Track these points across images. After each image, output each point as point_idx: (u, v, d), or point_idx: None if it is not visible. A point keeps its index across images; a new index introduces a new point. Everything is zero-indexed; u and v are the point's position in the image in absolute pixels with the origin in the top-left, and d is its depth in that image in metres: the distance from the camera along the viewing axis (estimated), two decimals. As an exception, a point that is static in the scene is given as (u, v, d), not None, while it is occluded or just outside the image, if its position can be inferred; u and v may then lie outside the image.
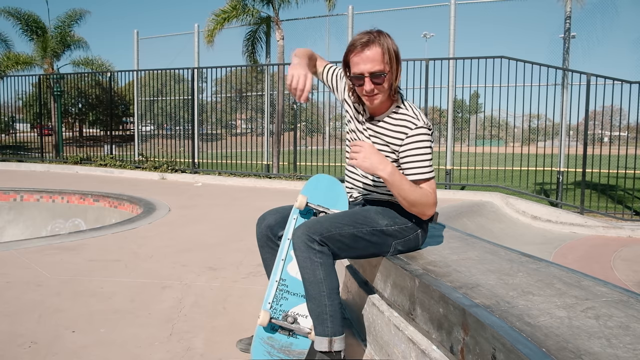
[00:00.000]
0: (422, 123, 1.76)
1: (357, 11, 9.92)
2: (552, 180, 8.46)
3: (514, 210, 7.05)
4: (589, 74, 6.87)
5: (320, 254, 1.64)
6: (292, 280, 1.82)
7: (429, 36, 21.91)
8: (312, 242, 1.64)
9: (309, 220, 1.73)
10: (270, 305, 1.80)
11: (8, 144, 14.73)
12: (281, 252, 1.84)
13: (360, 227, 1.73)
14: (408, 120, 1.77)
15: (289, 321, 1.79)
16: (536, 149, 8.39)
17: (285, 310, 1.81)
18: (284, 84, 10.26)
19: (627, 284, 4.09)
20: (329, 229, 1.67)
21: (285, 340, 1.80)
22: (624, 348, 1.01)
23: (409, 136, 1.75)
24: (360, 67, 1.71)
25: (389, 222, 1.78)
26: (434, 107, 9.08)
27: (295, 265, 1.77)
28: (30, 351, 1.91)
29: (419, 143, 1.74)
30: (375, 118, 1.85)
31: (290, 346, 1.80)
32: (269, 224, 1.92)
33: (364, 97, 1.77)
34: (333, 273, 1.68)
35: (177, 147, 10.83)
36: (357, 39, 1.72)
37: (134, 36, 12.41)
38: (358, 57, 1.71)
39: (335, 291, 1.67)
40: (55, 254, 3.43)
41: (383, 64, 1.71)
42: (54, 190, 6.85)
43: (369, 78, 1.71)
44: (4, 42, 16.98)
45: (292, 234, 1.71)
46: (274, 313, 1.80)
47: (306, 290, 1.67)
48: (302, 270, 1.66)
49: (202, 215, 5.32)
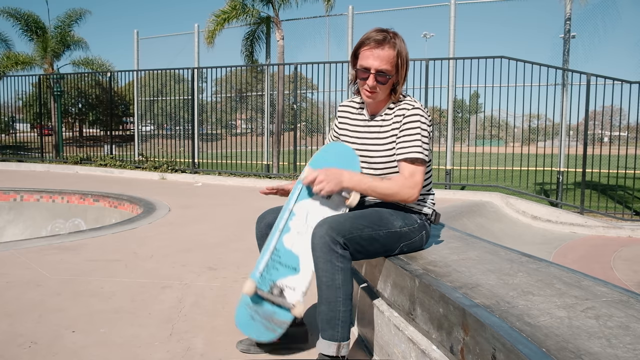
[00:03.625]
0: (418, 105, 1.79)
1: (357, 11, 9.93)
2: (552, 180, 8.46)
3: (514, 210, 7.05)
4: (589, 74, 6.87)
5: (342, 258, 1.60)
6: (286, 252, 1.80)
7: (429, 36, 21.89)
8: (335, 244, 1.59)
9: (330, 219, 1.68)
10: (261, 274, 1.79)
11: (8, 144, 14.74)
12: (279, 222, 1.81)
13: (378, 229, 1.71)
14: (406, 103, 1.80)
15: (275, 292, 1.77)
16: (536, 149, 8.40)
17: (274, 280, 1.79)
18: (284, 84, 10.28)
19: (627, 284, 4.09)
20: (351, 231, 1.64)
21: (269, 308, 1.80)
22: (624, 348, 1.01)
23: (406, 116, 1.77)
24: (369, 61, 1.72)
25: (402, 224, 1.78)
26: (434, 107, 9.08)
27: (291, 238, 1.76)
28: (30, 351, 1.91)
29: (413, 123, 1.76)
30: (375, 115, 1.87)
31: (274, 315, 1.79)
32: (268, 222, 1.90)
33: (363, 90, 1.78)
34: (351, 279, 1.65)
35: (177, 147, 10.83)
36: (373, 35, 1.72)
37: (134, 36, 12.42)
38: (369, 52, 1.72)
39: (349, 297, 1.64)
40: (55, 254, 3.43)
41: (391, 65, 1.72)
42: (54, 190, 6.85)
43: (374, 75, 1.72)
44: (4, 42, 16.99)
45: (312, 232, 1.66)
46: (263, 282, 1.78)
47: (320, 291, 1.64)
48: (320, 273, 1.62)
49: (202, 215, 5.32)
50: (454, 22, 8.93)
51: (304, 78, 10.00)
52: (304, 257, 1.78)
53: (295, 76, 8.92)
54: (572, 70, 7.89)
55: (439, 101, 9.19)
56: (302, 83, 10.49)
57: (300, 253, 1.79)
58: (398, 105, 1.81)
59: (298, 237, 1.81)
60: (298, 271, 1.79)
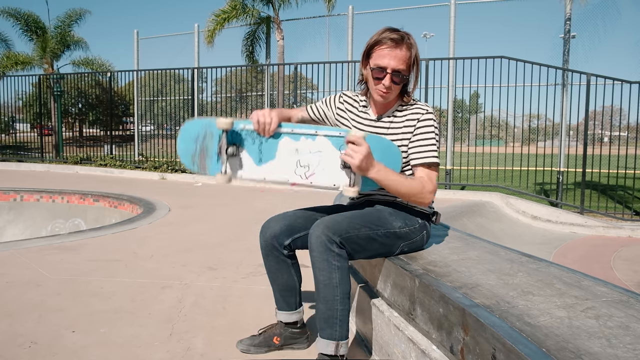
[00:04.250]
0: (431, 110, 1.80)
1: (357, 11, 9.93)
2: (552, 180, 8.46)
3: (514, 210, 7.05)
4: (589, 73, 6.87)
5: (338, 257, 1.61)
6: (270, 144, 1.75)
7: (429, 36, 21.90)
8: (331, 243, 1.60)
9: (327, 219, 1.68)
10: (244, 127, 1.75)
11: (8, 144, 14.74)
12: (296, 128, 1.75)
13: (375, 229, 1.71)
14: (419, 107, 1.80)
15: (230, 151, 1.74)
16: (536, 149, 8.40)
17: (240, 143, 1.76)
18: (284, 84, 10.28)
19: (627, 284, 4.09)
20: (347, 230, 1.64)
21: (212, 150, 1.78)
22: (624, 348, 1.01)
23: (420, 121, 1.77)
24: (386, 61, 1.70)
25: (402, 224, 1.77)
26: (434, 107, 9.07)
27: (287, 143, 1.73)
28: (30, 351, 1.91)
29: (428, 128, 1.76)
30: (382, 116, 1.85)
31: (207, 158, 1.80)
32: (274, 232, 1.83)
33: (376, 91, 1.75)
34: (348, 277, 1.66)
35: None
36: (387, 35, 1.70)
37: (134, 36, 12.42)
38: (386, 52, 1.70)
39: (347, 296, 1.65)
40: (55, 254, 3.43)
41: (407, 66, 1.72)
42: (54, 190, 6.85)
43: (391, 75, 1.70)
44: (4, 42, 16.99)
45: (309, 232, 1.64)
46: (235, 130, 1.75)
47: (318, 290, 1.64)
48: (318, 272, 1.62)
49: (202, 215, 5.32)
50: (454, 22, 8.93)
51: (304, 78, 10.00)
52: (275, 161, 1.75)
53: (295, 76, 8.93)
54: (572, 70, 7.89)
55: (439, 101, 9.22)
56: (302, 83, 10.49)
57: (277, 157, 1.75)
58: (409, 109, 1.80)
59: (290, 147, 1.75)
60: (259, 163, 1.76)
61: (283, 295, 1.92)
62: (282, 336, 1.94)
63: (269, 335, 1.95)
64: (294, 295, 1.92)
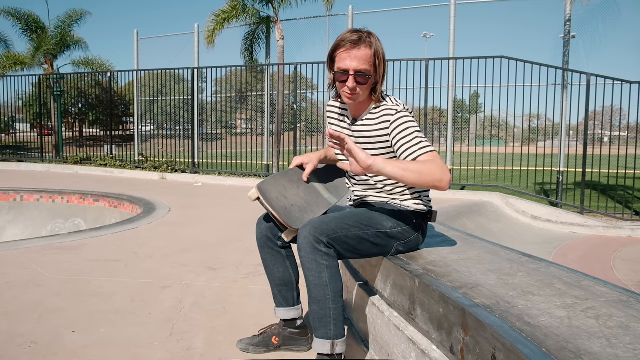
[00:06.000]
0: (401, 108, 1.75)
1: (357, 11, 9.92)
2: (552, 180, 8.46)
3: (514, 210, 7.05)
4: (589, 73, 6.87)
5: (326, 257, 1.62)
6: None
7: (429, 36, 21.93)
8: (318, 243, 1.60)
9: (314, 220, 1.69)
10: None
11: (8, 144, 14.74)
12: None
13: (365, 229, 1.71)
14: (387, 108, 1.76)
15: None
16: (536, 149, 8.40)
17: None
18: (284, 84, 10.27)
19: (627, 284, 4.09)
20: (336, 230, 1.64)
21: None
22: (624, 348, 1.01)
23: (392, 122, 1.73)
24: (347, 63, 1.69)
25: (393, 225, 1.77)
26: (434, 107, 9.09)
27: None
28: (30, 351, 1.91)
29: (404, 124, 1.71)
30: (357, 120, 1.84)
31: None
32: (269, 224, 1.89)
33: (344, 93, 1.75)
34: (338, 276, 1.66)
35: (177, 147, 10.84)
36: (347, 37, 1.70)
37: (134, 36, 12.41)
38: (346, 54, 1.69)
39: (339, 294, 1.65)
40: (55, 254, 3.43)
41: (370, 65, 1.70)
42: (54, 190, 6.85)
43: (354, 76, 1.69)
44: (4, 42, 16.97)
45: (298, 234, 1.66)
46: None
47: (310, 291, 1.65)
48: (307, 272, 1.63)
49: (202, 215, 5.32)
50: (454, 22, 8.93)
51: (304, 78, 10.00)
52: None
53: (295, 76, 8.93)
54: (572, 70, 7.89)
55: (439, 101, 9.21)
56: (302, 83, 10.49)
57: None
58: (380, 109, 1.78)
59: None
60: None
61: (280, 290, 1.93)
62: (280, 336, 1.94)
63: (268, 335, 1.95)
64: (291, 290, 1.93)
